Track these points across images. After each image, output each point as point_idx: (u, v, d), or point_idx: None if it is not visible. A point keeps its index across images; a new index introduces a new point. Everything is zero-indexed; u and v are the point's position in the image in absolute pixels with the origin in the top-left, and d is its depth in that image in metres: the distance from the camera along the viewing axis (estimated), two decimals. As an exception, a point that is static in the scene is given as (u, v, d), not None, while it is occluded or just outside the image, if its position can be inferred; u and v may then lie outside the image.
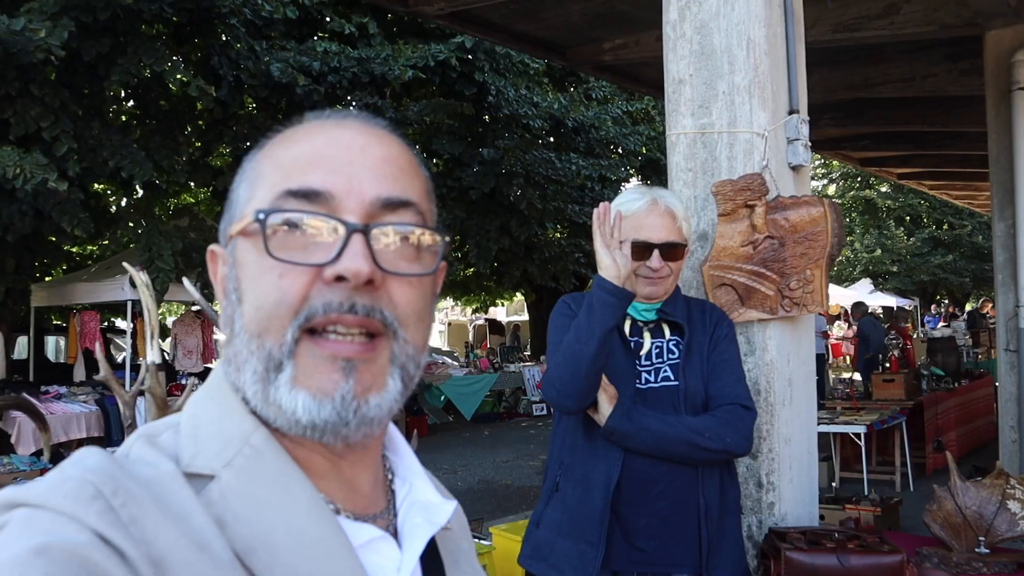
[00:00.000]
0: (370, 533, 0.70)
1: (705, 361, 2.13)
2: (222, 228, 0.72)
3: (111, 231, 10.43)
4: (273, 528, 0.62)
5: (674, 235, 2.12)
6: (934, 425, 8.36)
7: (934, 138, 10.16)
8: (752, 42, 2.71)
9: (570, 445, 2.14)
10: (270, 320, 0.65)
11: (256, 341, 0.65)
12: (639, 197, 2.15)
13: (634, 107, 15.13)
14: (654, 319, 2.18)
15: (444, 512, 0.76)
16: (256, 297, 0.66)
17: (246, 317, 0.66)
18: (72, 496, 0.56)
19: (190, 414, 0.69)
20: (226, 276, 0.71)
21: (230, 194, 0.73)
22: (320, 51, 10.05)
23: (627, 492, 2.03)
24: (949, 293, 28.86)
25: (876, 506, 5.89)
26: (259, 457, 0.65)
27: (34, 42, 6.69)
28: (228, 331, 0.68)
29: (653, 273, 2.10)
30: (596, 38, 7.27)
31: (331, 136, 0.70)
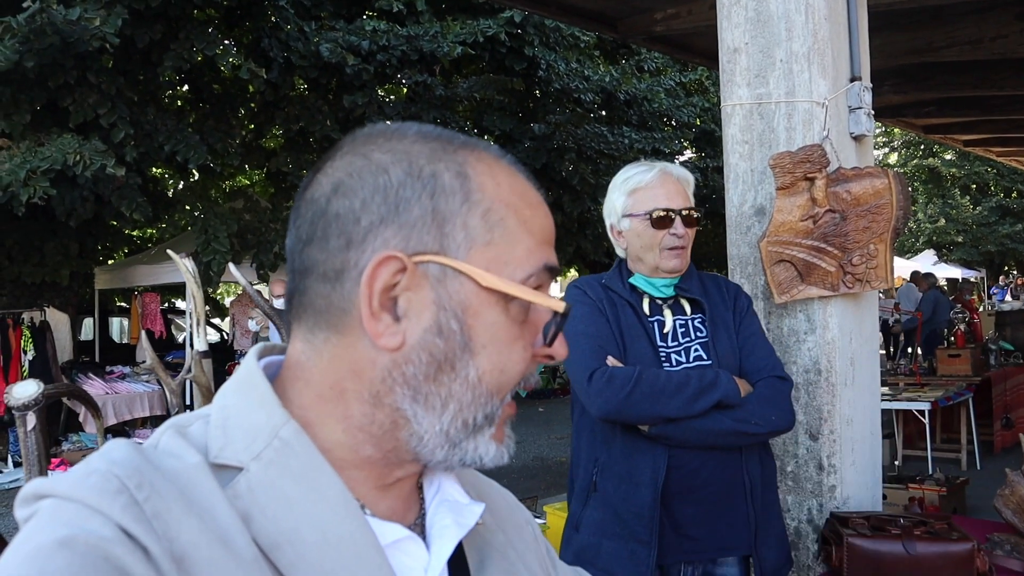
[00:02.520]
0: (397, 533, 0.69)
1: (734, 336, 2.08)
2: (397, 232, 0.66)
3: (168, 214, 10.64)
4: (300, 524, 0.62)
5: (688, 201, 2.08)
6: (1002, 401, 8.06)
7: (1003, 102, 9.73)
8: (811, 6, 2.59)
9: (604, 440, 2.05)
10: (508, 384, 0.70)
11: (486, 398, 0.68)
12: (647, 169, 2.09)
13: (687, 78, 14.83)
14: (672, 295, 2.12)
15: (473, 514, 0.75)
16: (502, 361, 0.69)
17: (484, 373, 0.68)
18: (98, 489, 0.56)
19: (220, 405, 0.68)
20: (425, 302, 0.66)
21: (435, 206, 0.67)
22: (369, 30, 10.03)
23: (674, 482, 1.97)
24: (1018, 264, 27.85)
25: (941, 486, 5.71)
26: (288, 451, 0.64)
27: (90, 31, 6.80)
28: (433, 368, 0.67)
29: (678, 241, 2.04)
30: (647, 8, 7.10)
31: (547, 211, 0.75)
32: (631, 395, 1.90)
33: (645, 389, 1.91)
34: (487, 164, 0.71)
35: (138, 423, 9.89)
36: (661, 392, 1.91)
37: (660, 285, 2.10)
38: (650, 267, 2.09)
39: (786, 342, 2.66)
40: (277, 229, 10.04)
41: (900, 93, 9.07)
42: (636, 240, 2.09)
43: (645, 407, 1.91)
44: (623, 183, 2.11)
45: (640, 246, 2.08)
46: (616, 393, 1.91)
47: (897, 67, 8.21)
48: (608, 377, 1.93)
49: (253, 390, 0.68)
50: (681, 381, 1.93)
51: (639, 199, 2.06)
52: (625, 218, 2.10)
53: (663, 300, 2.12)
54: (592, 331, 2.03)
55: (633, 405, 1.91)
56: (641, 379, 1.92)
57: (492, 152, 0.73)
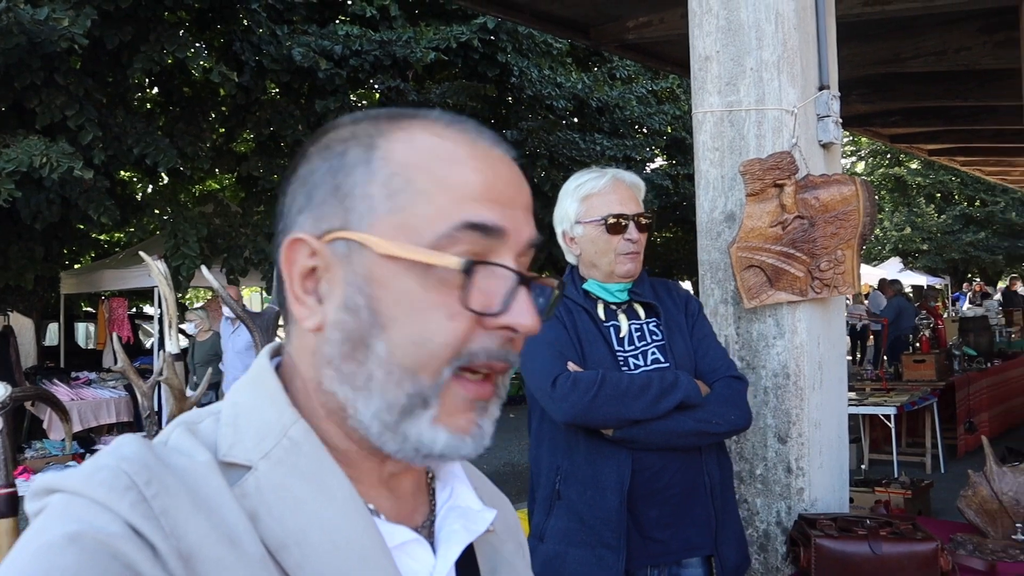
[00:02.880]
0: (404, 535, 0.68)
1: (688, 339, 2.11)
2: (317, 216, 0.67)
3: (137, 218, 10.51)
4: (307, 524, 0.61)
5: (641, 207, 2.11)
6: (966, 406, 8.22)
7: (966, 113, 9.93)
8: (781, 16, 2.63)
9: (567, 447, 2.05)
10: (432, 359, 0.64)
11: (408, 377, 0.64)
12: (598, 176, 2.11)
13: (659, 86, 14.96)
14: (626, 300, 2.14)
15: (484, 520, 0.74)
16: (418, 332, 0.63)
17: (396, 348, 0.64)
18: (107, 485, 0.56)
19: (231, 402, 0.68)
20: (311, 274, 0.67)
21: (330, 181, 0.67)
22: (342, 34, 10.01)
23: (639, 486, 1.98)
24: (981, 271, 28.38)
25: (907, 489, 5.80)
26: (297, 450, 0.64)
27: (58, 31, 6.71)
28: (347, 347, 0.65)
29: (633, 247, 2.07)
30: (619, 16, 7.16)
31: (493, 165, 0.68)
32: (596, 399, 1.91)
33: (609, 392, 1.92)
34: (408, 131, 0.68)
35: (104, 429, 9.75)
36: (625, 394, 1.93)
37: (615, 290, 2.13)
38: (604, 272, 2.11)
39: (755, 346, 2.70)
40: (247, 234, 9.95)
41: (867, 103, 9.22)
42: (590, 246, 2.10)
43: (610, 410, 1.92)
44: (575, 190, 2.12)
45: (594, 252, 2.10)
46: (581, 397, 1.92)
47: (864, 77, 8.35)
48: (572, 381, 1.94)
49: (264, 388, 0.68)
50: (644, 383, 1.95)
51: (592, 205, 2.08)
52: (578, 224, 2.11)
53: (617, 305, 2.14)
54: (551, 337, 2.03)
55: (598, 408, 1.92)
56: (605, 382, 1.93)
57: (430, 118, 0.69)
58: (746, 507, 2.71)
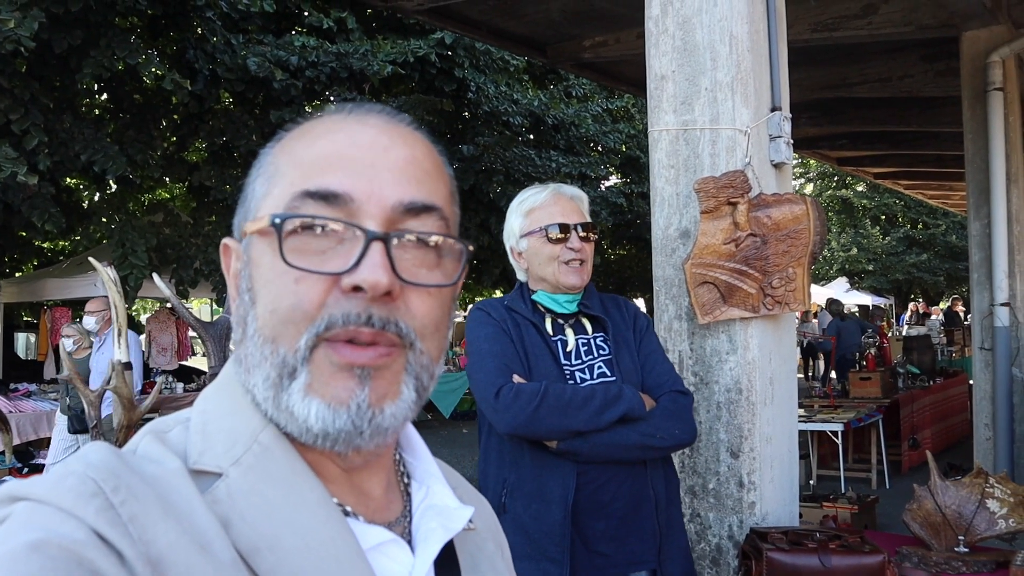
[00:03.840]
0: (381, 536, 0.68)
1: (635, 354, 2.14)
2: (236, 222, 0.71)
3: (83, 226, 10.25)
4: (280, 528, 0.61)
5: (584, 218, 2.14)
6: (910, 423, 8.42)
7: (909, 138, 10.24)
8: (735, 38, 2.69)
9: (513, 461, 2.05)
10: (285, 325, 0.63)
11: (270, 346, 0.64)
12: (540, 190, 2.17)
13: (614, 105, 15.12)
14: (575, 311, 2.17)
15: (461, 518, 0.74)
16: (271, 301, 0.64)
17: (260, 320, 0.65)
18: (73, 492, 0.55)
19: (200, 410, 0.68)
20: (239, 273, 0.69)
21: (245, 187, 0.71)
22: (298, 45, 9.92)
23: (584, 499, 1.99)
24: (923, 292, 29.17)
25: (853, 504, 5.91)
26: (268, 455, 0.64)
27: (3, 33, 6.53)
28: (240, 331, 0.67)
29: (575, 255, 2.09)
30: (576, 35, 7.25)
31: (352, 134, 0.68)
32: (538, 409, 1.93)
33: (552, 403, 1.94)
34: (306, 125, 0.71)
35: (44, 443, 9.44)
36: (568, 405, 1.95)
37: (563, 301, 2.15)
38: (552, 284, 2.14)
39: (708, 362, 2.73)
40: (198, 244, 9.77)
41: (816, 126, 9.46)
42: (535, 257, 2.14)
43: (553, 421, 1.94)
44: (519, 205, 2.18)
45: (539, 263, 2.13)
46: (524, 408, 1.93)
47: (814, 101, 8.56)
48: (515, 393, 1.95)
49: (231, 395, 0.68)
50: (587, 395, 1.97)
51: (534, 218, 2.13)
52: (523, 238, 2.16)
53: (565, 319, 2.16)
54: (497, 350, 2.05)
55: (541, 419, 1.93)
56: (548, 393, 1.95)
57: (332, 112, 0.71)
58: (699, 521, 2.73)
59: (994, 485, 2.56)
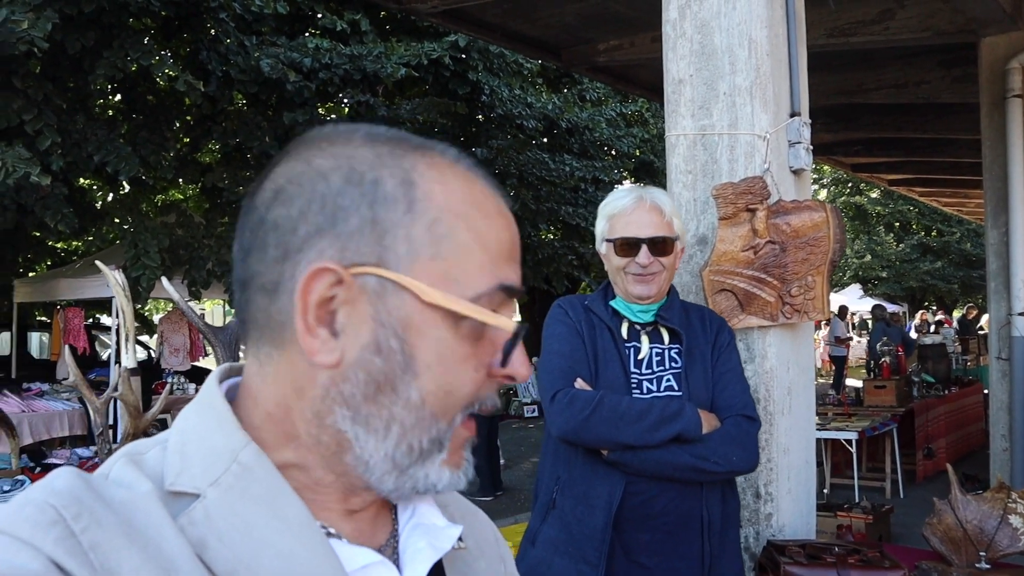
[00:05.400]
0: (366, 558, 0.66)
1: (709, 370, 2.08)
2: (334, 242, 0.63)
3: (96, 227, 10.27)
4: (259, 550, 0.59)
5: (662, 230, 2.08)
6: (924, 432, 8.33)
7: (925, 145, 10.15)
8: (754, 42, 2.64)
9: (567, 460, 2.06)
10: (456, 407, 0.65)
11: (431, 420, 0.65)
12: (625, 195, 2.12)
13: (628, 109, 15.08)
14: (651, 321, 2.13)
15: (449, 537, 0.73)
16: (450, 383, 0.65)
17: (428, 394, 0.64)
18: (31, 521, 0.54)
19: (179, 429, 0.66)
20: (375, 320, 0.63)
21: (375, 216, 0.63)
22: (311, 47, 9.93)
23: (629, 509, 1.97)
24: (937, 299, 28.97)
25: (868, 514, 5.84)
26: (248, 475, 0.62)
27: (16, 34, 6.55)
28: (371, 388, 0.63)
29: (642, 270, 2.06)
30: (591, 39, 7.21)
31: (511, 225, 0.70)
32: (590, 418, 1.91)
33: (605, 414, 1.92)
34: (438, 170, 0.66)
35: (56, 443, 9.46)
36: (621, 418, 1.92)
37: (637, 311, 2.12)
38: (622, 292, 2.12)
39: (725, 370, 2.69)
40: (210, 245, 9.78)
41: (831, 132, 9.38)
42: (608, 264, 2.14)
43: (603, 431, 1.92)
44: (604, 207, 2.15)
45: (610, 271, 2.13)
46: (576, 415, 1.92)
47: (828, 106, 8.50)
48: (570, 399, 1.94)
49: (212, 412, 0.66)
50: (643, 409, 1.94)
51: (613, 225, 2.10)
52: (604, 242, 2.14)
53: (642, 326, 2.13)
54: (566, 350, 2.04)
55: (591, 428, 1.92)
56: (602, 403, 1.93)
57: (448, 156, 0.68)
58: (713, 533, 2.68)
59: (1017, 500, 2.50)
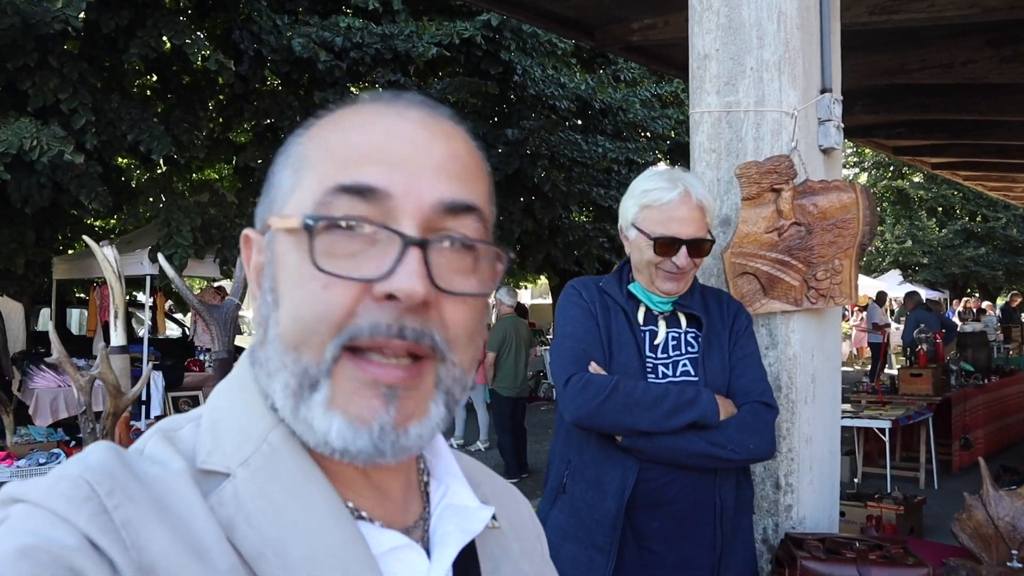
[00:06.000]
0: (394, 540, 0.65)
1: (726, 356, 2.02)
2: (259, 212, 0.67)
3: (130, 205, 10.40)
4: (286, 532, 0.59)
5: (703, 230, 2.00)
6: (962, 422, 8.12)
7: (971, 127, 9.83)
8: (783, 15, 2.53)
9: (578, 444, 2.01)
10: (309, 334, 0.60)
11: (292, 354, 0.61)
12: (669, 187, 1.99)
13: (663, 90, 14.84)
14: (670, 310, 2.07)
15: (480, 519, 0.71)
16: (296, 306, 0.61)
17: (282, 325, 0.62)
18: (66, 496, 0.54)
19: (212, 407, 0.66)
20: (261, 269, 0.66)
21: (270, 175, 0.67)
22: (343, 27, 9.90)
23: (642, 496, 1.92)
24: (981, 287, 28.28)
25: (899, 504, 5.71)
26: (277, 456, 0.62)
27: (52, 13, 6.60)
28: (261, 333, 0.64)
29: (677, 270, 1.98)
30: (625, 18, 7.07)
31: (391, 126, 0.63)
32: (604, 404, 1.87)
33: (619, 399, 1.87)
34: (339, 114, 0.66)
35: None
36: (636, 404, 1.87)
37: (657, 301, 2.06)
38: (646, 282, 2.05)
39: (747, 357, 2.60)
40: (242, 224, 9.81)
41: (872, 113, 9.12)
42: (637, 254, 2.04)
43: (617, 417, 1.87)
44: (642, 193, 2.02)
45: (639, 261, 2.04)
46: (590, 400, 1.87)
47: (870, 87, 8.26)
48: (584, 383, 1.89)
49: (243, 392, 0.66)
50: (659, 395, 1.89)
51: (651, 216, 1.99)
52: (633, 228, 2.03)
53: (659, 312, 2.07)
54: (579, 333, 1.98)
55: (605, 414, 1.87)
56: (617, 389, 1.88)
57: (366, 100, 0.66)
58: (732, 523, 2.61)
59: (1052, 496, 2.39)
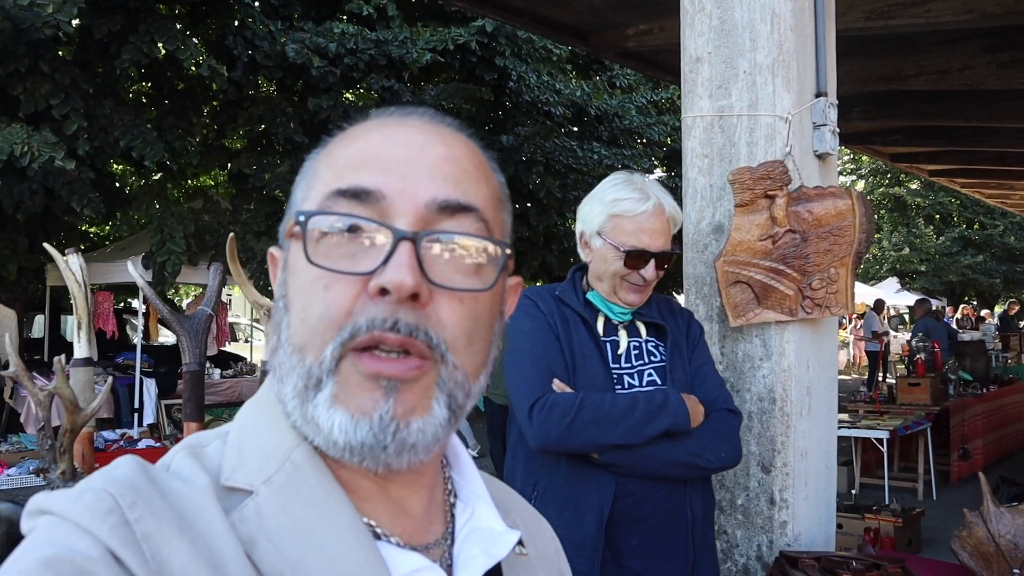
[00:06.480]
0: (416, 563, 0.64)
1: (687, 364, 1.99)
2: (280, 230, 0.69)
3: (124, 212, 10.33)
4: (307, 552, 0.59)
5: (669, 242, 1.95)
6: (960, 432, 8.05)
7: (968, 133, 9.79)
8: (777, 17, 2.47)
9: (546, 466, 1.93)
10: (313, 335, 0.61)
11: (298, 355, 0.62)
12: (641, 198, 1.92)
13: (659, 96, 14.79)
14: (629, 319, 2.02)
15: (506, 543, 0.70)
16: (302, 308, 0.62)
17: (292, 328, 0.63)
18: (89, 508, 0.55)
19: (239, 424, 0.67)
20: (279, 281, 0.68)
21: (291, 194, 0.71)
22: (337, 33, 9.85)
23: (619, 511, 1.86)
24: (978, 294, 28.24)
25: (897, 517, 5.63)
26: (299, 475, 0.62)
27: (43, 18, 6.54)
28: (274, 338, 0.65)
29: (644, 282, 1.93)
30: (620, 24, 7.02)
31: (389, 134, 0.66)
32: (573, 423, 1.80)
33: (587, 416, 1.80)
34: (350, 130, 0.68)
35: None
36: (606, 418, 1.81)
37: (617, 311, 2.01)
38: (607, 292, 1.99)
39: (740, 367, 2.53)
40: (237, 231, 9.76)
41: (868, 120, 9.08)
42: (602, 264, 1.96)
43: (588, 434, 1.80)
44: (612, 202, 1.94)
45: (603, 271, 1.96)
46: (556, 423, 1.80)
47: (866, 93, 8.21)
48: (549, 407, 1.82)
49: (269, 409, 0.66)
50: (628, 405, 1.83)
51: (621, 226, 1.92)
52: (599, 236, 1.96)
53: (619, 322, 2.02)
54: (539, 351, 1.90)
55: (574, 434, 1.80)
56: (584, 406, 1.81)
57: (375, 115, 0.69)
58: (725, 539, 2.54)
59: (1055, 512, 2.32)
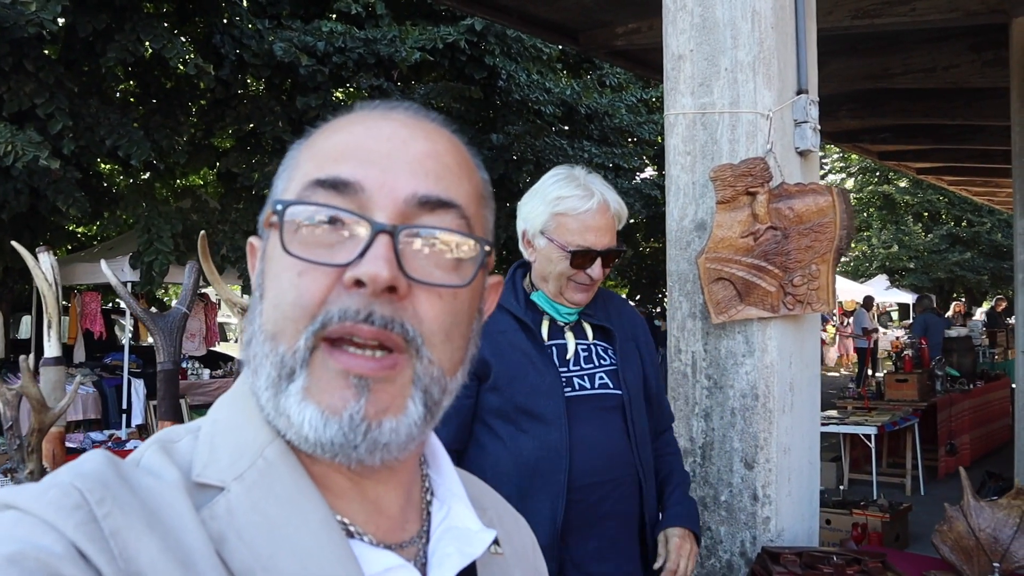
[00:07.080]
0: (389, 561, 0.64)
1: (639, 364, 1.98)
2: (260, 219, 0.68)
3: (110, 211, 10.27)
4: (278, 549, 0.58)
5: (615, 240, 1.90)
6: (947, 427, 8.09)
7: (955, 132, 9.85)
8: (758, 15, 2.48)
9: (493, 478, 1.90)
10: (285, 322, 0.60)
11: (270, 343, 0.61)
12: (585, 195, 1.85)
13: (649, 95, 14.81)
14: (575, 320, 1.97)
15: (481, 542, 0.69)
16: (275, 295, 0.62)
17: (264, 316, 0.62)
18: (55, 504, 0.54)
19: (212, 419, 0.66)
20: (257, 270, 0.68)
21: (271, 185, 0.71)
22: (325, 31, 9.82)
23: (574, 519, 1.82)
24: (966, 291, 28.39)
25: (885, 512, 5.65)
26: (272, 472, 0.61)
27: (26, 16, 6.50)
28: (249, 330, 0.64)
29: (591, 281, 1.89)
30: (609, 22, 7.03)
31: (372, 127, 0.65)
32: None
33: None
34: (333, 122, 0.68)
35: (71, 427, 9.49)
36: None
37: (563, 311, 1.96)
38: (553, 292, 1.94)
39: (723, 364, 2.54)
40: (225, 231, 9.72)
41: (856, 118, 9.12)
42: (546, 263, 1.91)
43: None
44: (555, 201, 1.87)
45: (548, 270, 1.91)
46: None
47: (854, 92, 8.24)
48: None
49: (243, 404, 0.65)
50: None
51: (566, 225, 1.85)
52: (542, 236, 1.90)
53: (564, 323, 1.97)
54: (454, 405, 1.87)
55: None
56: None
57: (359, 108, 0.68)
58: (709, 535, 2.54)
59: (1035, 506, 2.33)
